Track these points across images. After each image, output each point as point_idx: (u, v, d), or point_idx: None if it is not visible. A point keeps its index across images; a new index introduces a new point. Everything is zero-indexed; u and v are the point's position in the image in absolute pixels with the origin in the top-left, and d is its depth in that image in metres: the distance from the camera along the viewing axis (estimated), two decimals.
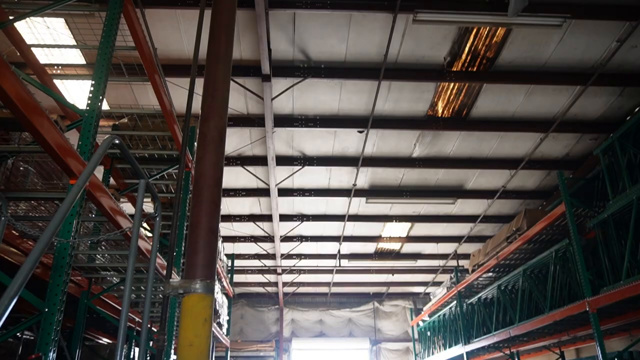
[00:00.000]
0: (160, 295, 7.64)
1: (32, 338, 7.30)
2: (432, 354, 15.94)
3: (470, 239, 14.82)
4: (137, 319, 8.09)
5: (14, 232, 4.66)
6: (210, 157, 3.35)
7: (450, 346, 13.69)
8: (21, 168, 5.05)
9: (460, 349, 12.55)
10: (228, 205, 12.98)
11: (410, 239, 15.30)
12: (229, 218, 13.47)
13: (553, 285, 7.94)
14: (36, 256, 1.74)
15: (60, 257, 3.12)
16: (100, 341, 9.60)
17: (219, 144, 3.49)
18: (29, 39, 6.87)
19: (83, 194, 3.32)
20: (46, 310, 3.01)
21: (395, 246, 16.08)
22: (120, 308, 7.05)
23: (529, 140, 10.33)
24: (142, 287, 7.29)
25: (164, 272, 5.90)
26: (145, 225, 9.57)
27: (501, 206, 13.05)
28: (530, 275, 8.85)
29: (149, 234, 8.59)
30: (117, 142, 2.35)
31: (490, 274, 11.38)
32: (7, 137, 4.35)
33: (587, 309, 6.80)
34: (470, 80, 8.53)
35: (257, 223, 13.73)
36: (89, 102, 3.75)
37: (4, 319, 1.64)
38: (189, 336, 2.81)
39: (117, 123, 7.00)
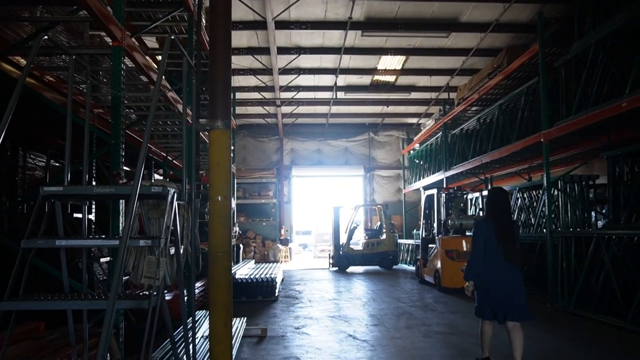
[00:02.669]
0: (176, 129, 9.16)
1: None
2: (419, 179, 18.20)
3: (463, 72, 15.69)
4: (153, 148, 9.67)
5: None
6: (221, 23, 4.35)
7: (433, 173, 15.73)
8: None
9: (441, 175, 14.53)
10: None
11: (405, 71, 16.28)
12: None
13: (521, 120, 9.31)
14: (150, 123, 2.97)
15: (116, 103, 4.39)
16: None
17: (227, 9, 4.45)
18: None
19: (122, 52, 4.43)
20: (113, 142, 4.39)
21: (390, 78, 17.11)
22: (140, 140, 8.55)
23: None
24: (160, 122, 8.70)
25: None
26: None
27: (494, 40, 13.71)
28: (505, 109, 10.19)
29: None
30: (172, 38, 3.40)
31: (475, 107, 12.71)
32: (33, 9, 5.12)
33: (542, 140, 8.26)
34: None
35: (256, 56, 14.56)
36: None
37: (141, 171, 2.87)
38: (217, 159, 4.17)
39: None
